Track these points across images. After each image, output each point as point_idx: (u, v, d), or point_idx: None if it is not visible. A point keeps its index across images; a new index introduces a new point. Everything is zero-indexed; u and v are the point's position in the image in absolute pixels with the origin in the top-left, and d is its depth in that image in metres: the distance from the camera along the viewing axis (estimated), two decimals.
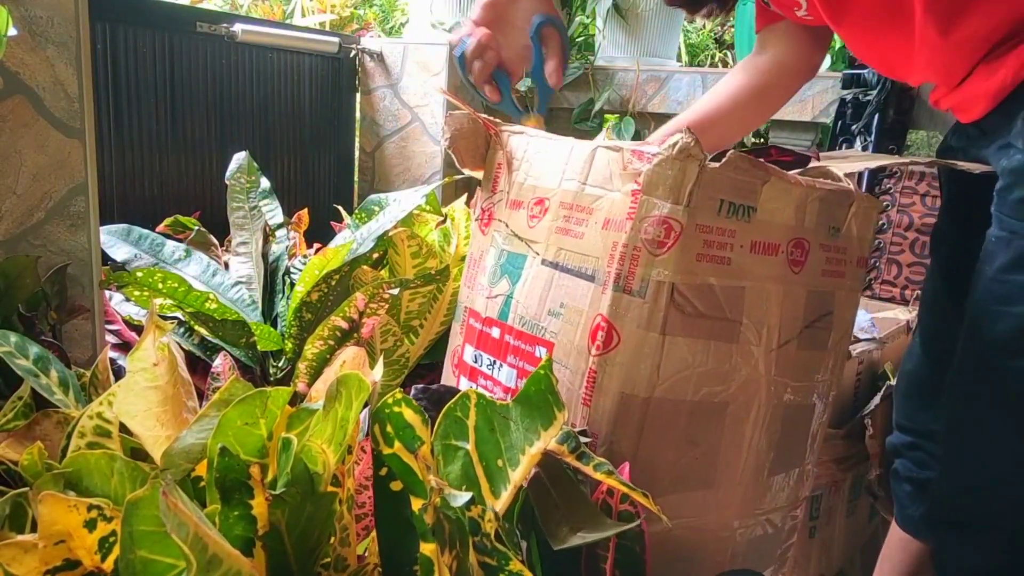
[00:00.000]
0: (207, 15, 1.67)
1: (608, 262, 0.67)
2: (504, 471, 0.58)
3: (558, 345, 0.71)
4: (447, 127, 0.85)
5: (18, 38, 0.92)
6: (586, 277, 0.69)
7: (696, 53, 3.40)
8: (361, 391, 0.52)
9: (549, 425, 0.58)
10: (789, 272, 0.72)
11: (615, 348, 0.66)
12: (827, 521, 1.17)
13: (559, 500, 0.61)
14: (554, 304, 0.72)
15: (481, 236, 0.86)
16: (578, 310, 0.69)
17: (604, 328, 0.66)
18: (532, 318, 0.74)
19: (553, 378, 0.59)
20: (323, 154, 1.98)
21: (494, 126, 0.85)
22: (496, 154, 0.85)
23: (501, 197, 0.84)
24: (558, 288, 0.72)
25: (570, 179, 0.74)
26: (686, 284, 0.66)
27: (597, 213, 0.70)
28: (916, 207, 1.63)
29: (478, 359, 0.82)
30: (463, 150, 0.86)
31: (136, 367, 0.64)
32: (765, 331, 0.71)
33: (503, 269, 0.80)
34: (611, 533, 0.58)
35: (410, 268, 1.19)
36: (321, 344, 0.99)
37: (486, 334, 0.81)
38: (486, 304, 0.82)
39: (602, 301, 0.67)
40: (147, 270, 1.04)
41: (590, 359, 0.67)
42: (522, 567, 0.51)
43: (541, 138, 0.81)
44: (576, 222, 0.72)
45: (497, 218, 0.83)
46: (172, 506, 0.40)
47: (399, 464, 0.53)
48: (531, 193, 0.79)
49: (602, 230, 0.69)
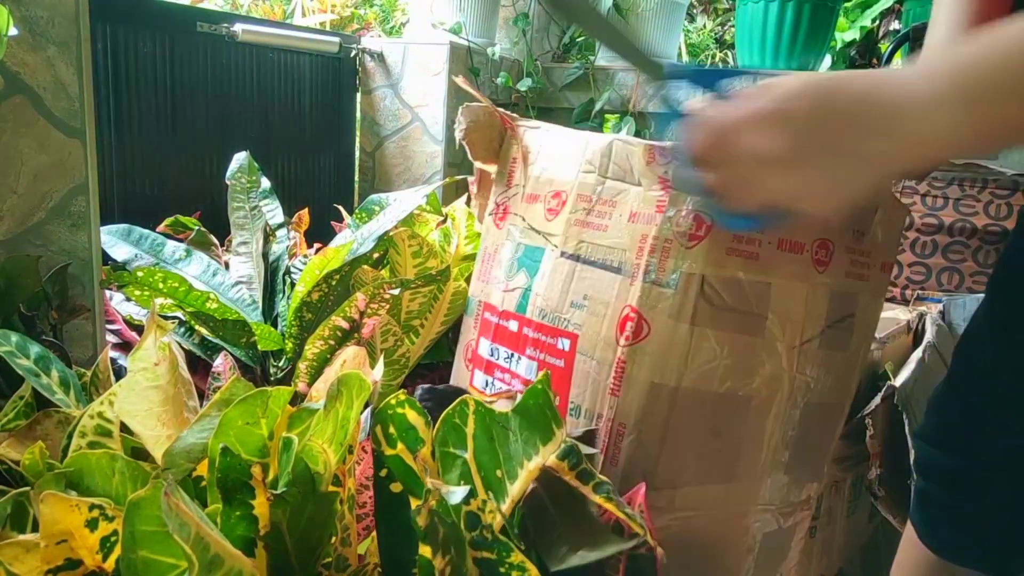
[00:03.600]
0: (207, 15, 1.67)
1: (637, 254, 0.68)
2: (503, 483, 0.57)
3: (582, 336, 0.72)
4: (463, 118, 0.85)
5: (19, 38, 0.92)
6: (612, 269, 0.70)
7: (696, 53, 3.40)
8: (362, 391, 0.52)
9: (548, 440, 0.57)
10: (814, 271, 0.73)
11: (645, 338, 0.67)
12: (827, 521, 1.17)
13: (558, 518, 0.60)
14: (577, 296, 0.73)
15: (496, 230, 0.86)
16: (604, 302, 0.70)
17: (634, 319, 0.68)
18: (553, 310, 0.75)
19: (551, 393, 0.57)
20: (323, 154, 1.98)
21: (510, 120, 0.85)
22: (511, 148, 0.86)
23: (517, 191, 0.84)
24: (581, 280, 0.73)
25: (588, 172, 0.75)
26: (715, 277, 0.67)
27: (621, 206, 0.71)
28: (916, 207, 1.63)
29: (494, 352, 0.83)
30: (477, 142, 0.86)
31: (137, 367, 0.64)
32: (789, 327, 0.72)
33: (520, 262, 0.81)
34: (613, 552, 0.56)
35: (411, 268, 1.19)
36: (322, 344, 0.99)
37: (503, 327, 0.82)
38: (503, 298, 0.82)
39: (631, 292, 0.68)
40: (147, 270, 1.04)
41: (619, 349, 0.68)
42: (523, 558, 0.50)
43: (556, 131, 0.82)
44: (598, 215, 0.73)
45: (513, 212, 0.84)
46: (174, 506, 0.40)
47: (400, 466, 0.53)
48: (548, 187, 0.79)
49: (628, 223, 0.70)
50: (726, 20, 3.58)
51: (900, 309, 1.43)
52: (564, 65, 2.32)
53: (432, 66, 1.98)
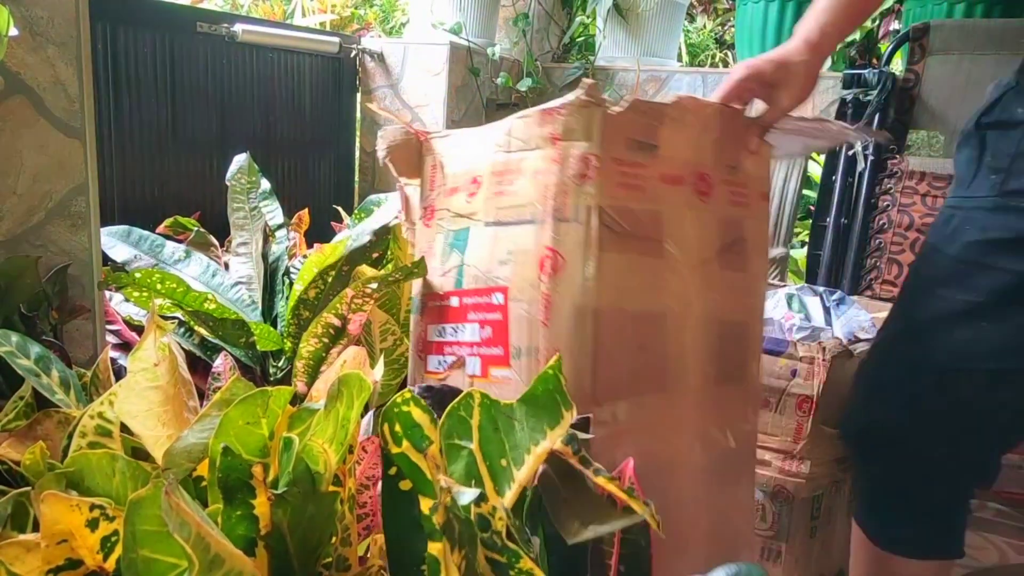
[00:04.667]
0: (207, 15, 1.67)
1: (543, 202, 0.78)
2: (508, 470, 0.58)
3: (512, 286, 0.81)
4: (382, 140, 0.94)
5: (19, 38, 0.92)
6: (526, 222, 0.80)
7: (696, 53, 3.41)
8: (362, 391, 0.52)
9: (556, 424, 0.58)
10: (697, 200, 0.85)
11: (562, 270, 0.77)
12: (827, 521, 1.17)
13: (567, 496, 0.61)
14: (501, 254, 0.82)
15: (427, 230, 0.94)
16: (525, 251, 0.80)
17: (550, 256, 0.77)
18: (484, 273, 0.84)
19: (562, 377, 0.59)
20: (323, 154, 1.98)
21: (424, 134, 0.94)
22: (427, 158, 0.95)
23: (438, 191, 0.93)
24: (503, 241, 0.82)
25: (497, 152, 0.84)
26: (611, 207, 0.77)
27: (525, 170, 0.81)
28: (916, 207, 1.63)
29: (441, 332, 0.90)
30: (399, 160, 0.95)
31: (137, 367, 0.64)
32: (685, 249, 0.83)
33: (452, 246, 0.89)
34: (619, 526, 0.58)
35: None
36: (315, 342, 0.99)
37: (446, 307, 0.90)
38: (441, 282, 0.91)
39: (544, 234, 0.78)
40: (146, 271, 1.04)
41: (542, 286, 0.77)
42: (532, 564, 0.51)
43: (465, 131, 0.91)
44: (508, 183, 0.83)
45: (437, 208, 0.92)
46: (174, 506, 0.40)
47: (407, 463, 0.53)
48: (465, 176, 0.89)
49: (532, 179, 0.80)
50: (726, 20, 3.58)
51: None
52: (564, 65, 2.33)
53: (432, 66, 1.98)
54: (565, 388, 0.59)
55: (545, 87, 2.26)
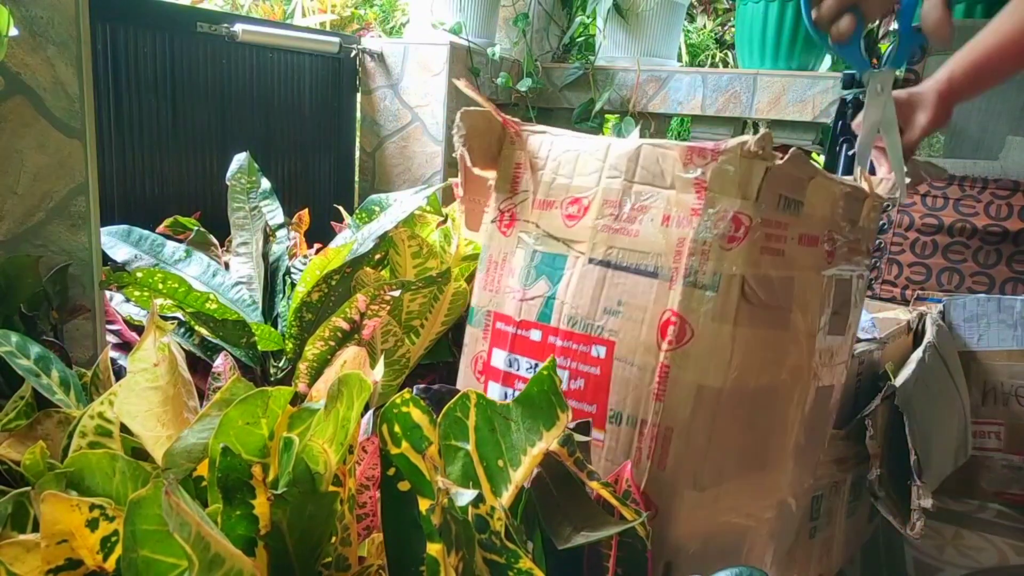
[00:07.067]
0: (207, 15, 1.67)
1: (674, 258, 0.68)
2: (505, 471, 0.58)
3: (620, 343, 0.71)
4: (462, 123, 0.82)
5: (18, 38, 0.92)
6: (647, 274, 0.70)
7: (697, 53, 3.41)
8: (362, 391, 0.52)
9: (552, 425, 0.58)
10: (824, 262, 0.76)
11: (689, 341, 0.67)
12: (827, 521, 1.17)
13: (561, 500, 0.62)
14: (610, 302, 0.73)
15: (503, 238, 0.84)
16: (640, 307, 0.70)
17: (676, 323, 0.68)
18: (584, 318, 0.74)
19: (556, 379, 0.59)
20: (323, 154, 1.98)
21: (514, 124, 0.83)
22: (515, 153, 0.83)
23: (525, 197, 0.82)
24: (613, 286, 0.73)
25: (613, 177, 0.74)
26: (753, 276, 0.68)
27: (652, 210, 0.71)
28: (916, 207, 1.63)
29: (513, 363, 0.81)
30: (476, 149, 0.83)
31: (137, 367, 0.64)
32: (808, 317, 0.74)
33: (539, 270, 0.79)
34: (612, 532, 0.59)
35: (411, 268, 1.19)
36: (322, 345, 0.99)
37: (523, 337, 0.80)
38: (519, 307, 0.80)
39: (670, 296, 0.68)
40: (147, 270, 1.04)
41: (661, 354, 0.68)
42: (531, 565, 0.51)
43: (567, 136, 0.80)
44: (627, 220, 0.73)
45: (522, 219, 0.82)
46: (175, 505, 0.40)
47: (406, 464, 0.53)
48: (563, 192, 0.78)
49: (661, 227, 0.70)
50: (726, 20, 3.58)
51: (900, 309, 1.43)
52: (564, 65, 2.32)
53: (432, 66, 1.98)
54: (560, 389, 0.59)
55: (545, 87, 2.26)
